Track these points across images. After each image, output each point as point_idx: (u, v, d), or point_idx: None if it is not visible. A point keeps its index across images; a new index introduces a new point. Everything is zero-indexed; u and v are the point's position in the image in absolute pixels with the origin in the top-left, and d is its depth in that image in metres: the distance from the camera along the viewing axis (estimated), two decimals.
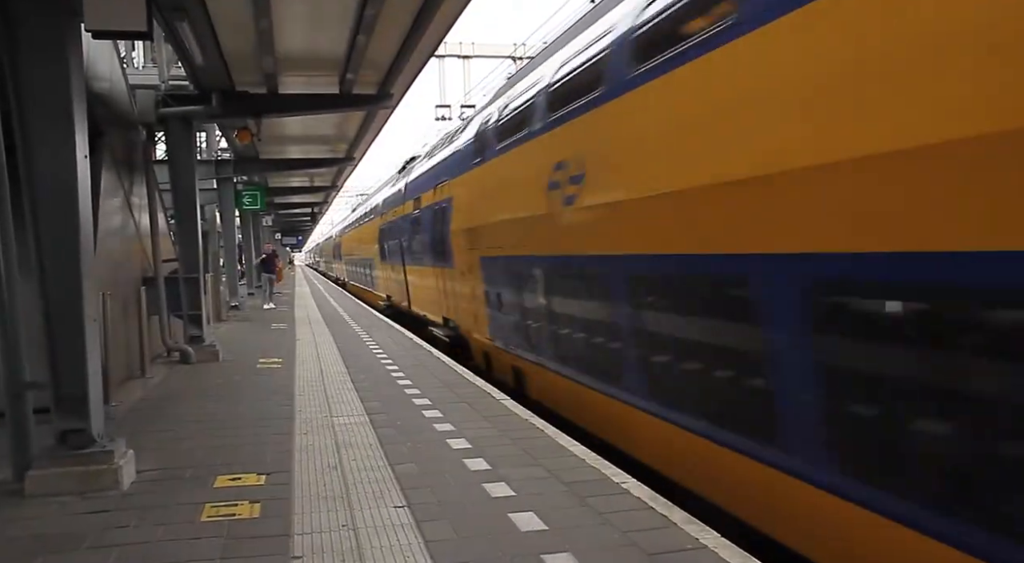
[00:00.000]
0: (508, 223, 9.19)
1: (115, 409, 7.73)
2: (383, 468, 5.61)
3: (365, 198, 42.57)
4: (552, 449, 6.04)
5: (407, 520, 4.52)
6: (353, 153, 20.32)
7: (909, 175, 3.26)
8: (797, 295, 4.06)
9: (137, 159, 11.01)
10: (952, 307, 3.26)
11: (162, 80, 12.47)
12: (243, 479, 5.36)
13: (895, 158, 3.32)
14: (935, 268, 3.19)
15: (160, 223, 11.32)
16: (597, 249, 6.72)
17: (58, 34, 5.14)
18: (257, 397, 8.49)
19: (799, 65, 4.01)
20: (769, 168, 4.18)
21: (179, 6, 7.80)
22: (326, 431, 6.79)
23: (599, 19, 7.18)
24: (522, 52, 23.15)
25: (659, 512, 4.56)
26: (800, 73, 3.99)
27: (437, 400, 8.04)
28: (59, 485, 5.06)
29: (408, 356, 11.58)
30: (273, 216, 38.96)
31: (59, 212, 5.21)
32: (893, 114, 3.37)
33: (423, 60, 10.94)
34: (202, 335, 11.81)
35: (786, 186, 4.04)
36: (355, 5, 8.37)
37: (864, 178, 3.50)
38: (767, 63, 4.24)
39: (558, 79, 7.76)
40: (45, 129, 5.15)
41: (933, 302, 3.35)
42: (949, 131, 3.07)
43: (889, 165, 3.34)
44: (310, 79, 11.73)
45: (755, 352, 4.55)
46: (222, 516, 4.63)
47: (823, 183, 3.77)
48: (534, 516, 4.52)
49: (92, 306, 5.48)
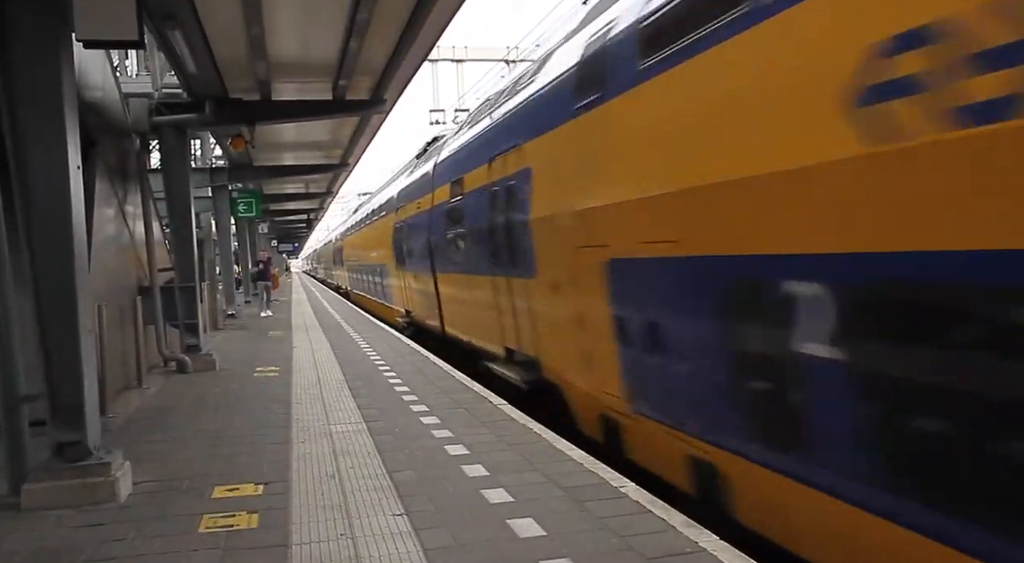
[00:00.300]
0: (709, 190, 4.64)
1: (111, 420, 7.71)
2: (381, 476, 5.59)
3: (370, 196, 36.94)
4: (550, 454, 6.03)
5: (406, 528, 4.51)
6: (348, 159, 20.33)
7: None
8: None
9: (131, 168, 11.00)
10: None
11: (155, 88, 12.45)
12: (241, 489, 5.34)
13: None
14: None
15: (155, 232, 11.30)
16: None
17: (49, 44, 5.12)
18: (254, 406, 8.46)
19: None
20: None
21: (170, 14, 7.79)
22: (324, 439, 6.77)
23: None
24: (515, 55, 23.17)
25: (657, 516, 4.55)
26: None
27: (435, 406, 8.02)
28: (55, 498, 5.03)
29: (405, 362, 11.56)
30: (269, 223, 39.01)
31: (52, 223, 5.19)
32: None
33: (416, 64, 10.95)
34: (199, 344, 11.79)
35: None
36: (347, 10, 8.37)
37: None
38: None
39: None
40: (37, 140, 5.13)
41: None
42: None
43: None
44: (303, 85, 11.73)
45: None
46: (220, 527, 4.61)
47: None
48: (533, 522, 4.50)
49: (87, 317, 5.46)
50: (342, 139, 17.74)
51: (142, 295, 10.50)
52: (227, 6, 8.01)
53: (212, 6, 8.02)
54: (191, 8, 7.88)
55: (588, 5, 8.42)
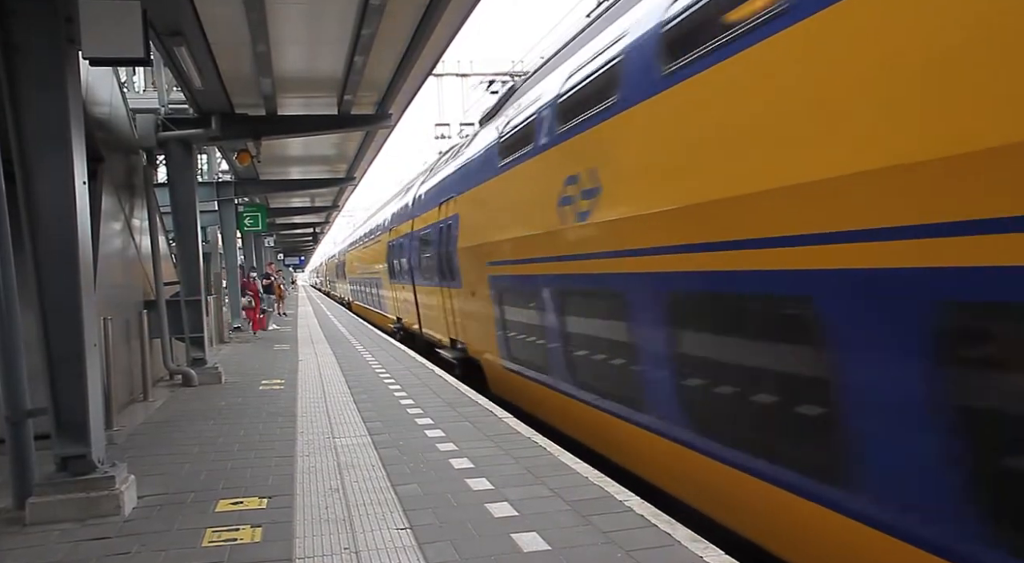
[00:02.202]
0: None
1: (117, 433, 7.73)
2: (385, 489, 5.59)
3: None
4: (555, 468, 6.02)
5: (410, 542, 4.50)
6: (353, 173, 20.42)
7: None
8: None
9: (138, 182, 11.07)
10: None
11: (162, 104, 12.55)
12: (245, 503, 5.34)
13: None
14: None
15: (161, 246, 11.36)
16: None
17: (57, 62, 5.16)
18: (259, 419, 8.47)
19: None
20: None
21: (177, 31, 7.86)
22: (328, 452, 6.77)
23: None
24: (520, 69, 23.27)
25: (662, 530, 4.53)
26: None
27: (440, 419, 8.01)
28: (60, 512, 5.03)
29: (410, 375, 11.56)
30: (275, 237, 39.07)
31: (59, 238, 5.22)
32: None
33: (421, 79, 11.01)
34: (204, 357, 11.82)
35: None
36: (352, 27, 8.43)
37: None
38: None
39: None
40: (44, 156, 5.16)
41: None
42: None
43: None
44: (308, 100, 11.81)
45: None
46: (224, 541, 4.60)
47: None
48: (537, 536, 4.49)
49: (93, 332, 5.47)
50: (348, 153, 17.82)
51: (148, 308, 10.55)
52: (233, 23, 8.08)
53: (218, 23, 8.09)
54: (197, 25, 7.95)
55: (591, 18, 8.50)
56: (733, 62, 4.46)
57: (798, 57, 3.98)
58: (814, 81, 3.87)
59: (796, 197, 3.87)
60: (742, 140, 4.40)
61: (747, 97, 4.39)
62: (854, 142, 3.55)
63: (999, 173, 2.83)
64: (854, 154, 3.52)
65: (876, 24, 3.50)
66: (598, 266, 6.45)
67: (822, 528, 4.01)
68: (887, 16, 3.46)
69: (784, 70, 4.09)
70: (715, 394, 5.01)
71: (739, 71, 4.41)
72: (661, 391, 5.63)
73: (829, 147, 3.70)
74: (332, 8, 7.98)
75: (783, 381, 4.30)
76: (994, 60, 2.91)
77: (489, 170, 10.06)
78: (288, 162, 19.05)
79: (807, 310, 3.91)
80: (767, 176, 4.11)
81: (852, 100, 3.60)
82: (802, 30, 3.92)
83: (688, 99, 4.99)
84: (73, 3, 5.15)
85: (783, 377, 4.30)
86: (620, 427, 6.49)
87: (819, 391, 3.91)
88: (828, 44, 3.77)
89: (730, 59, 4.49)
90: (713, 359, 5.01)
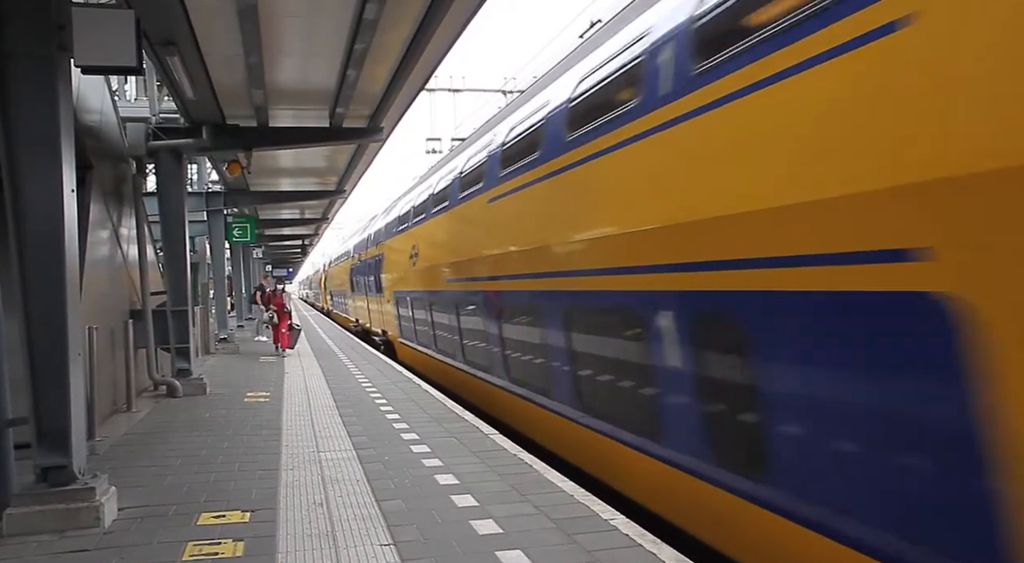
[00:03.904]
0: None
1: (99, 444, 7.64)
2: (370, 504, 5.54)
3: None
4: (540, 485, 5.99)
5: (393, 559, 4.45)
6: (344, 186, 20.42)
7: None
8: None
9: (127, 191, 11.02)
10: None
11: (153, 113, 12.53)
12: (227, 516, 5.28)
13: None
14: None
15: (149, 255, 11.29)
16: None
17: (48, 69, 5.14)
18: (244, 431, 8.39)
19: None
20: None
21: (170, 41, 7.86)
22: (313, 466, 6.71)
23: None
24: (512, 86, 23.41)
25: (647, 550, 4.50)
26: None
27: (425, 435, 7.97)
28: (38, 524, 4.96)
29: (397, 390, 11.51)
30: (263, 248, 38.94)
31: (45, 246, 5.17)
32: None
33: (413, 94, 11.06)
34: (189, 368, 11.73)
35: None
36: (345, 41, 8.45)
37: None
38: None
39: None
40: (33, 162, 5.13)
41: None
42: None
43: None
44: (300, 112, 11.83)
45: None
46: (204, 555, 4.54)
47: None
48: (521, 554, 4.46)
49: (77, 341, 5.41)
50: (338, 166, 17.83)
51: (134, 318, 10.46)
52: (226, 34, 8.09)
53: (211, 34, 8.10)
54: (191, 35, 7.96)
55: (584, 38, 8.60)
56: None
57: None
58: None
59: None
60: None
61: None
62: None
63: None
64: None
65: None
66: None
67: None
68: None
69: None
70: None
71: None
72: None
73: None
74: (326, 21, 8.00)
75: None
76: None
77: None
78: (278, 174, 19.03)
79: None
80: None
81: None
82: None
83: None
84: (66, 10, 5.15)
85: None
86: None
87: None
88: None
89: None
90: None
